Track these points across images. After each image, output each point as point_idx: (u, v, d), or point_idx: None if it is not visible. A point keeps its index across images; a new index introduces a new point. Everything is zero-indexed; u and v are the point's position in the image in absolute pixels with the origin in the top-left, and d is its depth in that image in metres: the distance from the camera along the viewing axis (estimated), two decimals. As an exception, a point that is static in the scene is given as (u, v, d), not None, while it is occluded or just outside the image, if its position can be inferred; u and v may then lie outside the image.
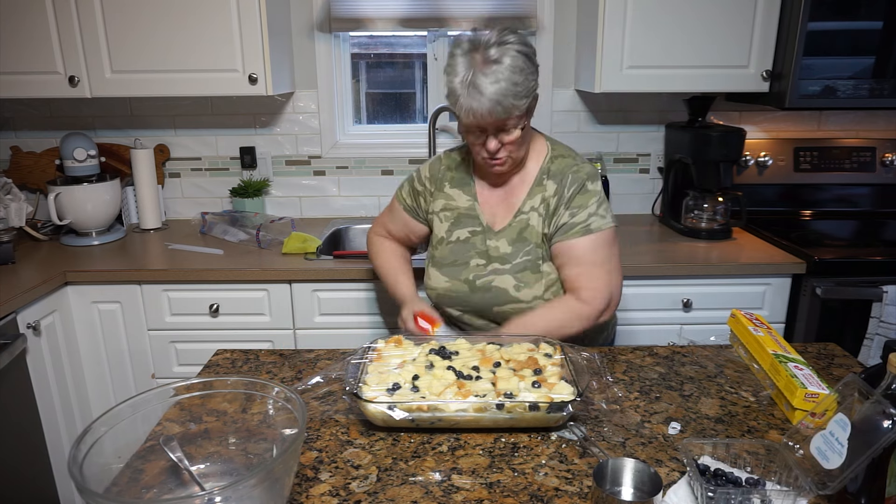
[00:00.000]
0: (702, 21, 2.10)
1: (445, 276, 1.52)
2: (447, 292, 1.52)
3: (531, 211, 1.47)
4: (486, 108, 1.30)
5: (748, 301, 2.06)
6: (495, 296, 1.47)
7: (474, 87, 1.30)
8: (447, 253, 1.53)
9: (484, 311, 1.50)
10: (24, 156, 2.51)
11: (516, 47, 1.33)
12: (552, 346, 1.26)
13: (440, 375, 1.15)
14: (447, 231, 1.54)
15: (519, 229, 1.48)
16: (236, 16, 2.08)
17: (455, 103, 1.35)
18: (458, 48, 1.35)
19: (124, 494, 0.87)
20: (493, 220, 1.51)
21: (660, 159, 2.56)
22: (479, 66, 1.31)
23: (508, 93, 1.30)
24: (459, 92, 1.32)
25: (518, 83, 1.31)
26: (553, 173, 1.48)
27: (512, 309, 1.46)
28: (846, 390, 0.93)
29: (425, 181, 1.60)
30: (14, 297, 1.78)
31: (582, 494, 0.95)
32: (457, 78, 1.33)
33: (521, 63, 1.32)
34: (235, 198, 2.50)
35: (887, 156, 2.46)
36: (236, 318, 2.07)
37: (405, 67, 2.63)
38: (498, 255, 1.48)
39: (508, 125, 1.35)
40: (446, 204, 1.56)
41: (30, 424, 1.85)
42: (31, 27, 2.07)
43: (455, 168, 1.57)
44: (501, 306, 1.47)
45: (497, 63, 1.30)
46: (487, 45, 1.32)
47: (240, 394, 0.97)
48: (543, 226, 1.46)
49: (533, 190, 1.48)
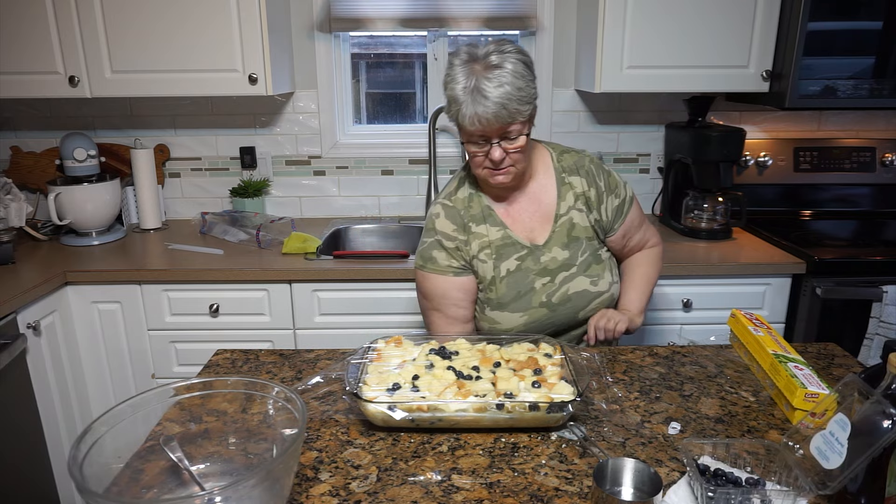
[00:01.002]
0: (702, 21, 2.10)
1: (518, 312, 1.46)
2: (527, 325, 1.46)
3: (570, 211, 1.48)
4: (492, 112, 1.28)
5: (748, 301, 2.06)
6: (576, 302, 1.47)
7: (478, 91, 1.28)
8: (505, 290, 1.46)
9: (569, 323, 1.49)
10: (24, 156, 2.51)
11: (515, 55, 1.32)
12: (552, 346, 1.26)
13: (440, 375, 1.15)
14: (494, 269, 1.46)
15: (566, 232, 1.48)
16: (236, 16, 2.08)
17: (458, 113, 1.32)
18: (457, 58, 1.34)
19: (124, 494, 0.87)
20: (532, 236, 1.48)
21: (660, 159, 2.56)
22: (481, 72, 1.29)
23: (513, 97, 1.29)
24: (462, 99, 1.30)
25: (521, 88, 1.30)
26: (569, 169, 1.50)
27: (597, 304, 1.48)
28: (846, 390, 0.93)
29: (453, 234, 1.47)
30: (14, 297, 1.78)
31: (582, 494, 0.95)
32: (458, 86, 1.31)
33: (522, 69, 1.32)
34: (235, 198, 2.50)
35: (887, 156, 2.46)
36: (236, 318, 2.07)
37: (405, 67, 2.63)
38: (558, 265, 1.47)
39: (512, 131, 1.34)
40: (481, 244, 1.47)
41: (30, 424, 1.85)
42: (31, 27, 2.08)
43: (467, 206, 1.48)
44: (586, 308, 1.48)
45: (499, 68, 1.29)
46: (487, 54, 1.31)
47: (240, 394, 0.97)
48: (590, 218, 1.49)
49: (561, 191, 1.48)
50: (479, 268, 1.48)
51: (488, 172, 1.40)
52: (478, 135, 1.34)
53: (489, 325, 1.49)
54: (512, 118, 1.31)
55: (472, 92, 1.29)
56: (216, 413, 0.98)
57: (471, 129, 1.32)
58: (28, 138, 2.54)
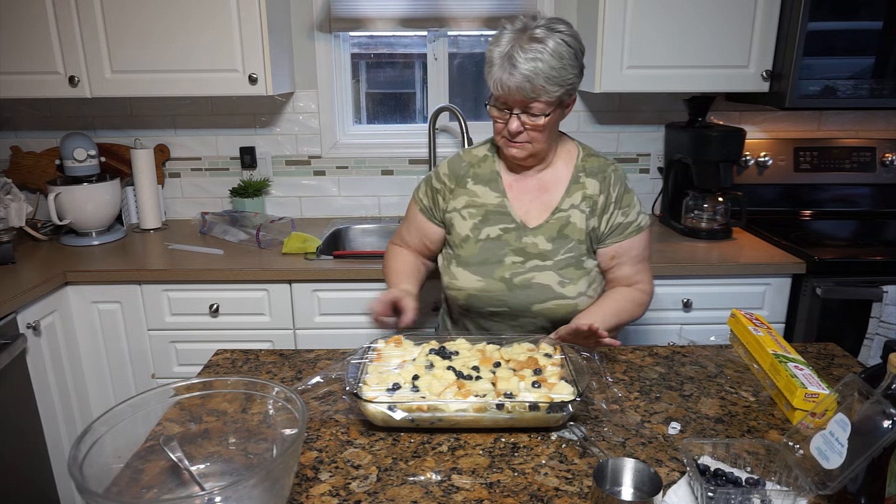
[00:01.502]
0: (702, 21, 2.10)
1: (478, 276, 1.47)
2: (481, 292, 1.47)
3: (572, 209, 1.47)
4: (515, 83, 1.31)
5: (748, 301, 2.06)
6: (536, 293, 1.45)
7: (510, 59, 1.31)
8: (476, 251, 1.48)
9: (522, 310, 1.47)
10: (24, 156, 2.51)
11: (563, 36, 1.34)
12: (552, 346, 1.26)
13: (440, 375, 1.15)
14: (473, 229, 1.49)
15: (559, 227, 1.47)
16: (236, 16, 2.08)
17: (489, 73, 1.36)
18: (510, 24, 1.37)
19: (124, 494, 0.87)
20: (527, 216, 1.49)
21: (660, 159, 2.56)
22: (523, 42, 1.32)
23: (541, 73, 1.31)
24: (496, 62, 1.33)
25: (555, 68, 1.31)
26: (590, 171, 1.50)
27: (555, 305, 1.45)
28: (846, 390, 0.93)
29: (444, 178, 1.55)
30: (14, 297, 1.78)
31: (582, 494, 0.95)
32: (497, 48, 1.34)
33: (564, 51, 1.33)
34: (235, 198, 2.50)
35: (887, 156, 2.46)
36: (236, 318, 2.07)
37: (405, 67, 2.63)
38: (537, 252, 1.46)
39: (534, 108, 1.35)
40: (470, 201, 1.51)
41: (30, 424, 1.85)
42: (31, 27, 2.07)
43: (478, 164, 1.53)
44: (543, 303, 1.45)
45: (540, 42, 1.31)
46: (536, 27, 1.34)
47: (240, 394, 0.97)
48: (588, 223, 1.47)
49: (571, 188, 1.48)
50: (456, 222, 1.51)
51: (504, 142, 1.43)
52: (500, 100, 1.37)
53: (448, 280, 1.52)
54: (536, 94, 1.33)
55: (505, 58, 1.32)
56: (216, 413, 0.98)
57: (495, 92, 1.37)
58: (28, 138, 2.54)
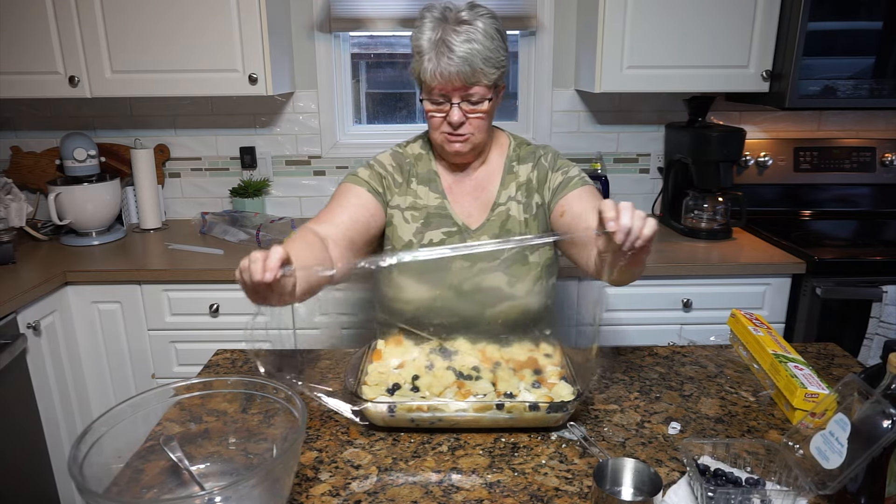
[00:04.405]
0: (702, 21, 2.10)
1: (426, 285, 1.36)
2: (431, 302, 1.36)
3: (509, 201, 1.40)
4: (455, 68, 1.22)
5: (748, 301, 2.06)
6: (487, 297, 1.36)
7: (444, 44, 1.23)
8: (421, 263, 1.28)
9: (474, 318, 1.37)
10: (24, 156, 2.51)
11: (488, 17, 1.28)
12: (552, 346, 1.26)
13: (440, 375, 1.15)
14: (416, 233, 1.39)
15: (500, 223, 1.39)
16: (236, 16, 2.08)
17: (420, 66, 1.27)
18: (429, 13, 1.28)
19: (124, 494, 0.87)
20: (469, 219, 1.40)
21: (660, 159, 2.56)
22: (450, 26, 1.24)
23: (479, 55, 1.23)
24: (426, 51, 1.24)
25: (490, 48, 1.24)
26: (521, 158, 1.43)
27: (508, 307, 1.37)
28: (846, 390, 0.93)
29: (391, 169, 1.41)
30: (14, 297, 1.78)
31: (582, 494, 0.95)
32: (424, 36, 1.25)
33: (493, 32, 1.27)
34: (235, 198, 2.50)
35: (887, 156, 2.46)
36: (236, 318, 2.07)
37: (405, 67, 2.62)
38: (483, 253, 1.35)
39: (475, 94, 1.27)
40: (413, 202, 1.40)
41: (30, 424, 1.85)
42: (31, 27, 2.08)
43: (417, 162, 1.43)
44: (495, 307, 1.37)
45: (469, 24, 1.24)
46: (458, 10, 1.27)
47: (240, 394, 0.97)
48: (529, 210, 1.40)
49: (505, 179, 1.41)
50: (398, 223, 1.39)
51: (445, 137, 1.33)
52: (438, 91, 1.27)
53: (393, 294, 1.38)
54: (476, 78, 1.25)
55: (437, 44, 1.24)
56: (216, 413, 0.98)
57: (431, 83, 1.26)
58: (28, 138, 2.54)
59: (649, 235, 0.99)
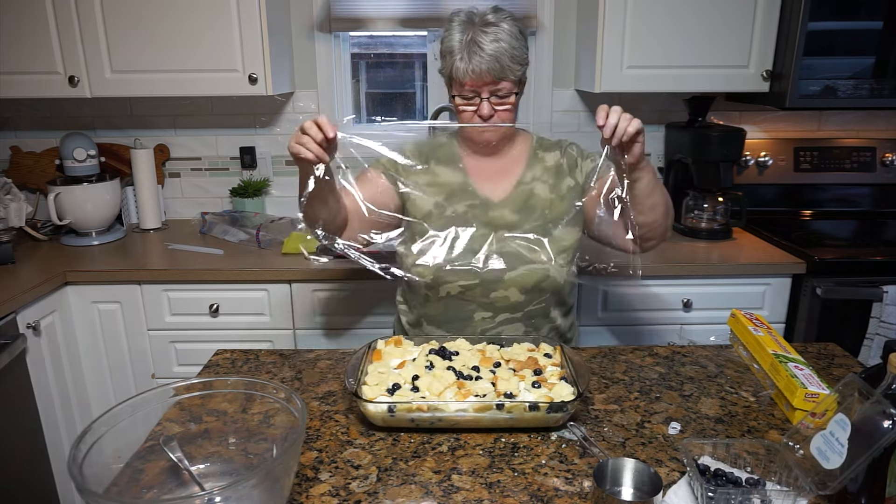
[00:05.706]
0: (702, 21, 2.10)
1: None
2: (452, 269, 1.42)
3: (534, 181, 1.49)
4: (486, 65, 1.33)
5: (748, 301, 2.06)
6: (507, 260, 1.41)
7: (474, 43, 1.33)
8: (442, 224, 1.43)
9: (494, 281, 1.43)
10: (24, 156, 2.51)
11: (510, 19, 1.39)
12: (552, 346, 1.26)
13: (440, 375, 1.15)
14: (436, 206, 1.47)
15: (523, 198, 1.48)
16: (236, 16, 2.08)
17: (451, 66, 1.37)
18: (456, 17, 1.40)
19: (124, 494, 0.87)
20: (492, 192, 1.49)
21: (660, 159, 2.56)
22: (479, 27, 1.35)
23: (506, 53, 1.34)
24: (458, 51, 1.35)
25: (515, 47, 1.36)
26: (546, 147, 1.53)
27: (527, 270, 1.42)
28: (846, 390, 0.93)
29: (410, 155, 1.50)
30: (14, 297, 1.78)
31: (582, 494, 0.95)
32: (454, 38, 1.36)
33: (517, 32, 1.38)
34: (235, 198, 2.50)
35: (887, 156, 2.46)
36: (236, 318, 2.07)
37: (405, 67, 2.63)
38: (504, 224, 1.46)
39: (503, 88, 1.37)
40: (432, 180, 1.49)
41: (30, 424, 1.85)
42: (31, 27, 2.07)
43: (440, 147, 1.54)
44: (514, 270, 1.42)
45: (496, 25, 1.36)
46: (484, 14, 1.38)
47: (240, 394, 0.97)
48: (557, 190, 1.48)
49: (531, 162, 1.51)
50: (416, 198, 1.48)
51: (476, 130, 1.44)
52: (469, 87, 1.37)
53: (412, 259, 1.43)
54: (504, 74, 1.35)
55: (468, 44, 1.34)
56: (216, 413, 0.98)
57: (463, 80, 1.36)
58: (28, 138, 2.54)
59: (633, 132, 1.24)
